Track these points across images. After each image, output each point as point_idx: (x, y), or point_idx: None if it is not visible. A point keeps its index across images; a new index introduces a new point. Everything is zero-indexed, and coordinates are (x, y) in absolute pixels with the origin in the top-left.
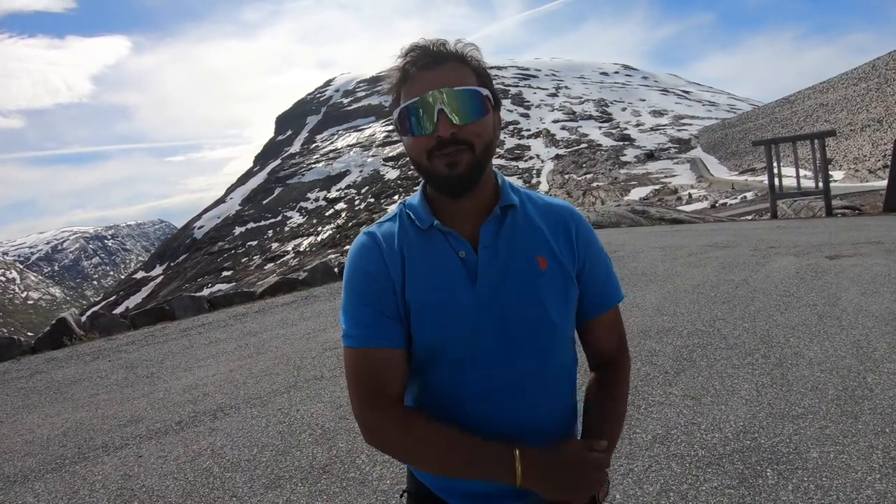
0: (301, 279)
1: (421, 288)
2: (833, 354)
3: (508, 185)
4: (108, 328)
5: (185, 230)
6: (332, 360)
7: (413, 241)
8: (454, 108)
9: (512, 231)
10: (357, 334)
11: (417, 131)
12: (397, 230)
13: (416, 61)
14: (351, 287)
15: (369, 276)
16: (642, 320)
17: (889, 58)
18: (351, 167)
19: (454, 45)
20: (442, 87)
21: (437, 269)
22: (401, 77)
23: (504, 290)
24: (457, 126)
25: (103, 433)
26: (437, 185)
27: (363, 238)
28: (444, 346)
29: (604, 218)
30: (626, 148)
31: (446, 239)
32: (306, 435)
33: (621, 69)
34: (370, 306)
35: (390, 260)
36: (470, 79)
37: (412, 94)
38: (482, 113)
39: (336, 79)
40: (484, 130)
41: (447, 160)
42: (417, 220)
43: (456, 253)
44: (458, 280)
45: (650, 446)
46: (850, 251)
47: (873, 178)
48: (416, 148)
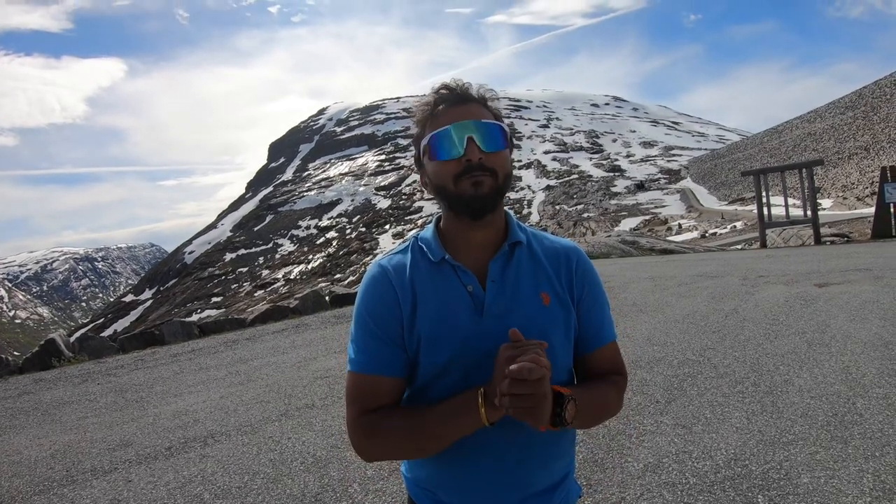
0: (292, 307)
1: (431, 320)
2: (822, 381)
3: (516, 223)
4: (97, 351)
5: (175, 255)
6: (323, 388)
7: (424, 274)
8: (482, 137)
9: (518, 267)
10: (360, 360)
11: (446, 156)
12: (409, 263)
13: (444, 98)
14: (359, 317)
15: (378, 307)
16: (633, 350)
17: (875, 86)
18: (343, 196)
19: (477, 89)
20: (470, 119)
21: (447, 301)
22: (429, 112)
23: (508, 321)
24: (483, 153)
25: (92, 457)
26: (461, 206)
27: (374, 270)
28: (448, 368)
29: (594, 249)
30: (617, 179)
31: (455, 272)
32: (298, 463)
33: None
34: (375, 337)
35: (401, 293)
36: (490, 118)
37: (439, 126)
38: (504, 145)
39: (329, 107)
40: (506, 161)
41: (473, 180)
42: (430, 252)
43: (464, 286)
44: (465, 311)
45: (642, 475)
46: (838, 279)
47: (861, 205)
48: (444, 172)
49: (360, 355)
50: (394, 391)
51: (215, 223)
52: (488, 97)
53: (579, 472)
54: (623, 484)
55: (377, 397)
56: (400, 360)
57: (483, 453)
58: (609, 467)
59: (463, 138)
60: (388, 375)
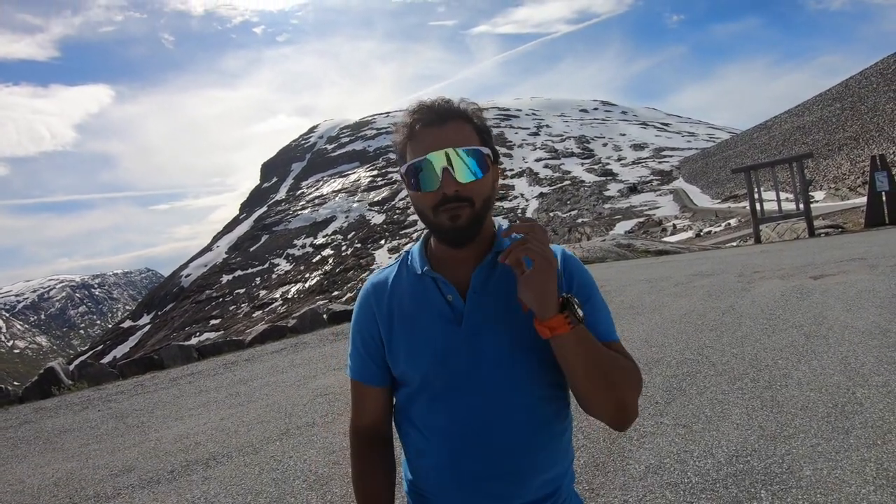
0: (290, 326)
1: (407, 332)
2: (821, 373)
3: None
4: (96, 378)
5: (172, 279)
6: (323, 406)
7: (405, 288)
8: (457, 168)
9: (501, 276)
10: (351, 367)
11: (423, 188)
12: (392, 277)
13: (422, 119)
14: (352, 329)
15: (360, 324)
16: (631, 352)
17: (861, 76)
18: (337, 213)
19: (458, 103)
20: (446, 146)
21: (424, 312)
22: (407, 134)
23: (489, 331)
24: (459, 184)
25: (95, 483)
26: (441, 237)
27: (364, 287)
28: (429, 380)
29: (590, 253)
30: (609, 183)
31: (436, 284)
32: (300, 481)
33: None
34: (358, 351)
35: (378, 309)
36: (472, 137)
37: (418, 151)
38: (483, 171)
39: (320, 125)
40: (483, 188)
41: (450, 214)
42: (413, 265)
43: (444, 297)
44: (442, 323)
45: (644, 476)
46: (833, 270)
47: (854, 195)
48: (423, 202)
49: (351, 363)
50: (379, 398)
51: (210, 245)
52: (470, 110)
53: (580, 477)
54: (625, 486)
55: (365, 401)
56: (380, 372)
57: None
58: (610, 470)
59: (438, 170)
60: (371, 385)
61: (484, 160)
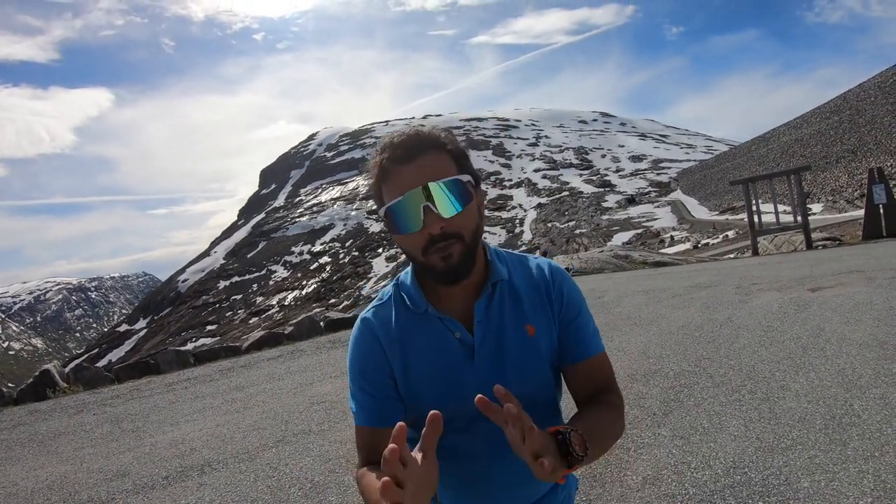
0: (287, 333)
1: (426, 374)
2: (819, 385)
3: (495, 255)
4: (92, 381)
5: (169, 283)
6: (319, 413)
7: (410, 327)
8: (438, 203)
9: (501, 304)
10: (359, 415)
11: (406, 230)
12: (394, 316)
13: (393, 157)
14: (352, 374)
15: (366, 364)
16: (628, 364)
17: (860, 89)
18: (335, 220)
19: (429, 131)
20: (422, 181)
21: (437, 352)
22: (379, 174)
23: (499, 359)
24: (444, 220)
25: (89, 487)
26: (434, 277)
27: (360, 326)
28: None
29: (588, 265)
30: (608, 194)
31: (442, 322)
32: (296, 489)
33: (599, 116)
34: (368, 394)
35: (389, 349)
36: (448, 166)
37: (393, 191)
38: (465, 201)
39: (319, 133)
40: (470, 219)
41: (441, 254)
42: (412, 304)
43: (452, 334)
44: (457, 360)
45: (641, 488)
46: (831, 282)
47: (851, 207)
48: (409, 244)
49: (359, 410)
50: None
51: (208, 251)
52: (442, 137)
53: (578, 489)
54: (623, 498)
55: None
56: (396, 411)
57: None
58: (608, 482)
59: (419, 209)
60: (386, 427)
61: (465, 189)
